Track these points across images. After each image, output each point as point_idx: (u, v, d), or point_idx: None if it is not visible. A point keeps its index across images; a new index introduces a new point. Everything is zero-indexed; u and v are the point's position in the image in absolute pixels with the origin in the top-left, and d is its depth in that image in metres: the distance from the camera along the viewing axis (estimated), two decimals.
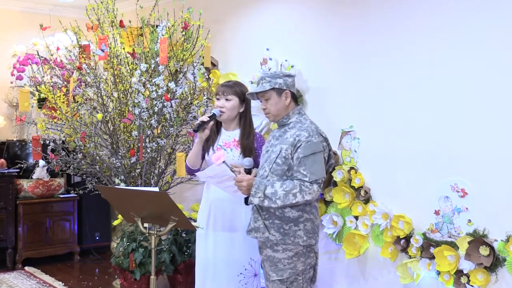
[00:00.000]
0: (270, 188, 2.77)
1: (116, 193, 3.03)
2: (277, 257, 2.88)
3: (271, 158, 2.90)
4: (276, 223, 2.87)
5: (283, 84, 2.90)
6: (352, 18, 3.83)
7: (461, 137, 3.25)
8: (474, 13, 3.19)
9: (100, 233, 6.13)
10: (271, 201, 2.77)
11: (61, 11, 6.11)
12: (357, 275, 3.84)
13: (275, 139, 2.96)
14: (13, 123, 5.86)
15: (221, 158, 2.83)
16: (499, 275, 3.09)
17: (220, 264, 3.26)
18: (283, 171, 2.84)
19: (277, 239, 2.86)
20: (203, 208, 3.37)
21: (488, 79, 3.13)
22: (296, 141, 2.82)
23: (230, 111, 3.25)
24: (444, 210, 3.33)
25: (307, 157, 2.78)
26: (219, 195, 3.27)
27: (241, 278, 3.27)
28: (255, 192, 2.78)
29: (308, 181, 2.75)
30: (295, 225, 2.85)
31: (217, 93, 3.29)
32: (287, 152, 2.83)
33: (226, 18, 4.85)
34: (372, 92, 3.71)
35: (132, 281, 4.30)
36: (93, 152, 4.41)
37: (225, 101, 3.24)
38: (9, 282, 5.05)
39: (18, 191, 5.62)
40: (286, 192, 2.75)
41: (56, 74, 4.85)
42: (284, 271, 2.86)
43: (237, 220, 3.27)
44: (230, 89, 3.24)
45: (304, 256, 2.88)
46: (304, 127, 2.87)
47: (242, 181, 2.81)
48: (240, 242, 3.26)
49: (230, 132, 3.32)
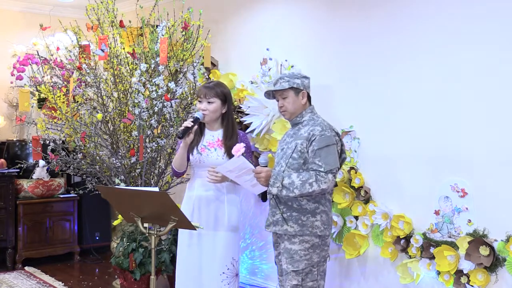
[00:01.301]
0: (288, 179, 2.90)
1: (116, 193, 3.03)
2: (293, 249, 2.99)
3: (287, 153, 3.04)
4: (294, 215, 3.00)
5: (300, 84, 3.07)
6: (352, 18, 3.83)
7: (461, 137, 3.25)
8: (475, 13, 3.19)
9: (100, 233, 6.13)
10: (288, 190, 2.89)
11: (61, 11, 6.10)
12: (357, 275, 3.84)
13: (289, 137, 3.11)
14: (13, 123, 5.86)
15: (241, 150, 2.90)
16: (499, 275, 3.09)
17: (203, 263, 3.28)
18: (299, 164, 2.98)
19: (295, 230, 2.99)
20: (185, 206, 3.37)
21: (488, 79, 3.13)
22: (310, 135, 2.98)
23: (213, 113, 3.29)
24: (444, 210, 3.33)
25: (321, 149, 2.92)
26: (203, 193, 3.29)
27: (223, 278, 3.28)
28: (273, 182, 2.90)
29: (323, 171, 2.89)
30: (312, 216, 3.00)
31: (199, 96, 3.31)
32: (302, 146, 2.97)
33: (226, 18, 4.85)
34: (372, 92, 3.71)
35: (132, 281, 4.30)
36: (93, 152, 4.41)
37: (207, 104, 3.27)
38: (9, 282, 5.05)
39: (18, 191, 5.62)
40: (303, 181, 2.87)
41: (56, 74, 4.84)
42: (300, 262, 2.98)
43: (220, 219, 3.29)
44: (212, 91, 3.27)
45: (319, 248, 3.01)
46: (318, 122, 3.03)
47: (261, 172, 2.92)
48: (223, 241, 3.28)
49: (214, 132, 3.35)
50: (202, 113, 3.27)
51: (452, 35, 3.29)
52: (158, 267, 4.29)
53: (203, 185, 3.31)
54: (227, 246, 3.28)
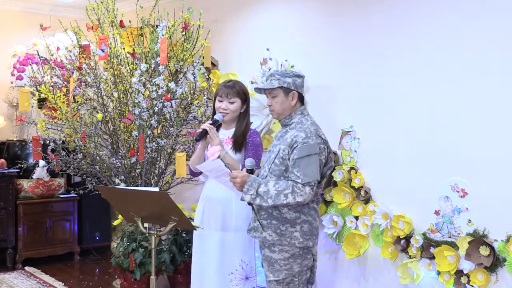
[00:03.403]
0: (264, 186, 2.78)
1: (116, 193, 3.03)
2: (274, 258, 2.89)
3: (271, 158, 2.92)
4: (273, 224, 2.88)
5: (291, 84, 2.90)
6: (352, 18, 3.83)
7: (461, 137, 3.25)
8: (475, 13, 3.19)
9: (100, 233, 6.13)
10: (262, 199, 2.77)
11: (61, 11, 6.10)
12: (357, 275, 3.84)
13: (277, 139, 2.98)
14: (13, 123, 5.86)
15: (216, 153, 2.87)
16: (499, 275, 3.09)
17: (213, 263, 3.27)
18: (280, 171, 2.85)
19: (273, 239, 2.87)
20: (199, 207, 3.40)
21: (488, 79, 3.13)
22: (293, 142, 2.82)
23: (234, 113, 3.27)
24: (444, 210, 3.33)
25: (301, 159, 2.77)
26: (211, 194, 3.29)
27: (232, 278, 3.26)
28: (247, 189, 2.78)
29: (300, 183, 2.74)
30: (291, 226, 2.86)
31: (219, 95, 3.26)
32: (284, 153, 2.84)
33: (226, 18, 4.85)
34: (372, 92, 3.71)
35: (132, 281, 4.30)
36: (93, 152, 4.41)
37: (228, 104, 3.24)
38: (9, 282, 5.05)
39: (18, 191, 5.62)
40: (278, 192, 2.75)
41: (56, 74, 4.84)
42: (280, 272, 2.87)
43: (228, 220, 3.27)
44: (233, 91, 3.24)
45: (300, 257, 2.89)
46: (303, 128, 2.86)
47: (236, 177, 2.81)
48: (231, 241, 3.26)
49: (226, 131, 3.33)
50: (222, 113, 3.24)
51: (452, 35, 3.28)
52: (158, 267, 4.29)
53: (213, 186, 3.30)
54: (234, 247, 3.26)
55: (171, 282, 4.63)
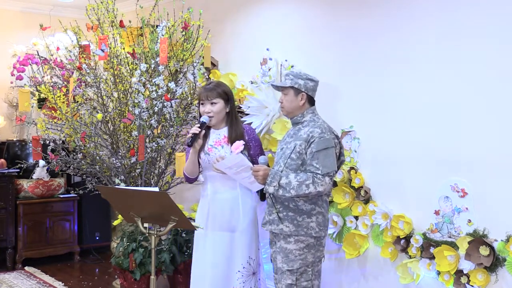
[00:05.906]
0: (285, 178, 2.91)
1: (116, 193, 3.03)
2: (289, 248, 3.01)
3: (286, 153, 3.05)
4: (290, 215, 3.01)
5: (302, 86, 3.06)
6: (352, 18, 3.83)
7: (461, 137, 3.25)
8: (475, 12, 3.19)
9: (100, 233, 6.13)
10: (285, 190, 2.90)
11: (61, 11, 6.11)
12: (357, 275, 3.84)
13: (289, 137, 3.12)
14: (13, 123, 5.86)
15: (239, 147, 2.95)
16: (499, 275, 3.09)
17: (218, 264, 3.27)
18: (297, 165, 2.99)
19: (290, 230, 3.00)
20: (201, 208, 3.38)
21: (488, 79, 3.13)
22: (309, 137, 2.98)
23: (218, 114, 3.28)
24: (444, 210, 3.33)
25: (319, 152, 2.92)
26: (218, 195, 3.29)
27: (239, 276, 3.27)
28: (270, 181, 2.92)
29: (320, 174, 2.89)
30: (308, 217, 3.00)
31: (201, 98, 3.28)
32: (301, 148, 2.98)
33: (226, 18, 4.85)
34: (372, 92, 3.71)
35: (132, 281, 4.30)
36: (93, 152, 4.41)
37: (210, 106, 3.25)
38: (9, 282, 5.05)
39: (18, 191, 5.62)
40: (300, 182, 2.88)
41: (56, 74, 4.84)
42: (295, 261, 2.99)
43: (234, 220, 3.28)
44: (213, 92, 3.25)
45: (314, 248, 3.03)
46: (318, 124, 3.03)
47: (259, 170, 2.94)
48: (239, 241, 3.28)
49: (219, 131, 3.34)
50: (207, 115, 3.24)
51: (452, 35, 3.28)
52: (158, 267, 4.29)
53: (216, 187, 3.31)
54: (243, 246, 3.28)
55: (171, 282, 4.63)
